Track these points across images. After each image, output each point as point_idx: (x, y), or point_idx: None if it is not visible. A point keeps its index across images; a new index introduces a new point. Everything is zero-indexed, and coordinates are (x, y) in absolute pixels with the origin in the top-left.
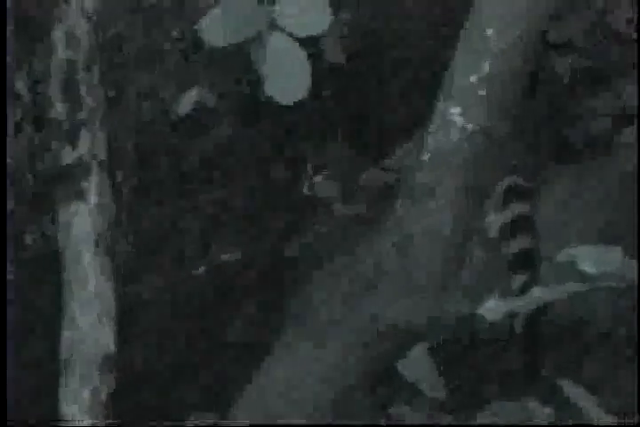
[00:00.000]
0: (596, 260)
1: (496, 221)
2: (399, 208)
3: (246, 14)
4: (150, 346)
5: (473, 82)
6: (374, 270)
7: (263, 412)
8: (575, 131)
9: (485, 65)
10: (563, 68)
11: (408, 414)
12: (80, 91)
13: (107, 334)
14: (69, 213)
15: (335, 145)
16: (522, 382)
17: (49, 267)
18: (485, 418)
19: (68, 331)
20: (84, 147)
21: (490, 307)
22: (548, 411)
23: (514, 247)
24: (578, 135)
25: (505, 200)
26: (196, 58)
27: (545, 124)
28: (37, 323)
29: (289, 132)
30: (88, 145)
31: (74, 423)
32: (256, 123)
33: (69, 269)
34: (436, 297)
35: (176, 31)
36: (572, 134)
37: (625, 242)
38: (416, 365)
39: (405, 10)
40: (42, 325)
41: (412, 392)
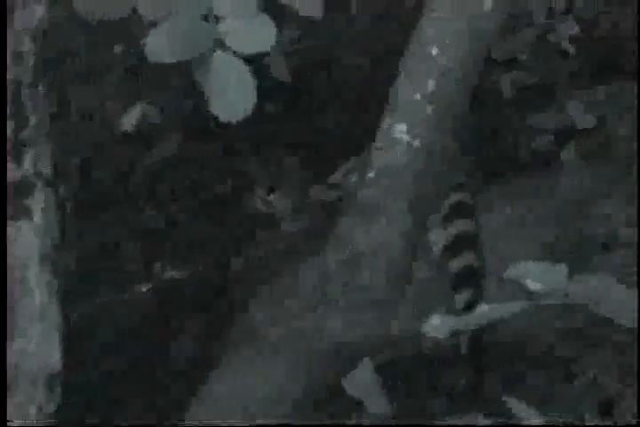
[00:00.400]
0: (541, 277)
1: (440, 237)
2: (344, 225)
3: (191, 32)
4: (96, 363)
5: (418, 99)
6: (319, 287)
7: None
8: (519, 147)
9: (430, 83)
10: (507, 84)
11: None
12: (26, 109)
13: (52, 352)
14: (14, 231)
15: (281, 161)
16: (467, 399)
17: None
18: None
19: (14, 347)
20: (28, 165)
21: (434, 324)
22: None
23: (458, 264)
24: (522, 151)
25: (449, 217)
26: (141, 74)
27: (489, 141)
28: None
29: (234, 149)
30: (32, 162)
31: None
32: (201, 139)
33: (14, 287)
34: (381, 314)
35: (121, 48)
36: (516, 150)
37: (569, 259)
38: (361, 381)
39: (351, 26)
40: None
41: (359, 409)
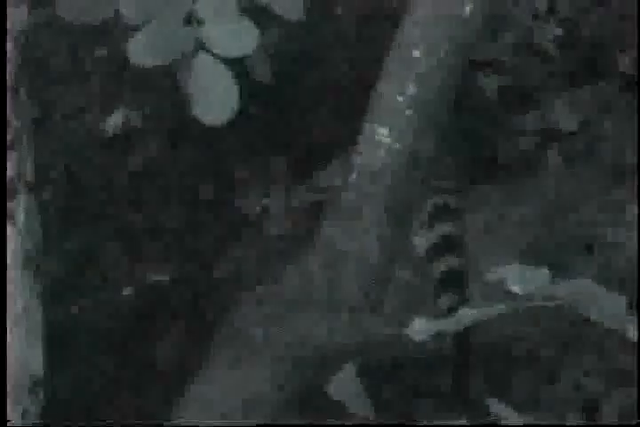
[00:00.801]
0: (523, 279)
1: (423, 240)
2: (326, 228)
3: (173, 35)
4: (79, 367)
5: (400, 102)
6: (301, 291)
7: None
8: (502, 150)
9: (411, 85)
10: (489, 86)
11: None
12: (7, 112)
13: (35, 356)
14: None
15: (264, 164)
16: (450, 402)
17: None
18: None
19: None
20: (11, 168)
21: (417, 327)
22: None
23: (441, 267)
24: (505, 154)
25: (432, 220)
26: (123, 78)
27: (472, 143)
28: None
29: (217, 152)
30: (14, 166)
31: None
32: (184, 143)
33: None
34: (362, 318)
35: (102, 51)
36: (499, 153)
37: (552, 261)
38: (344, 385)
39: (334, 29)
40: None
41: (342, 412)
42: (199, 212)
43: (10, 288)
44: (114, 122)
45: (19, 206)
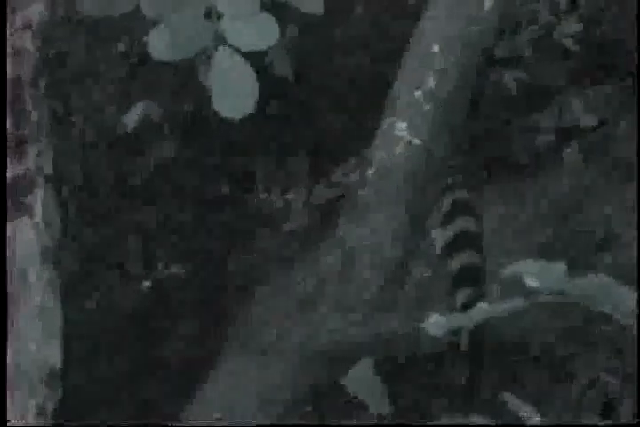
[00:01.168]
0: (539, 274)
1: (440, 236)
2: (342, 225)
3: (193, 29)
4: (95, 361)
5: (418, 97)
6: (316, 287)
7: None
8: (518, 146)
9: (430, 80)
10: (509, 82)
11: None
12: (26, 106)
13: (53, 350)
14: (14, 228)
15: (282, 160)
16: (466, 397)
17: None
18: None
19: (13, 347)
20: (29, 161)
21: (433, 322)
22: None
23: (458, 263)
24: (521, 151)
25: (449, 216)
26: (143, 73)
27: (489, 139)
28: None
29: (235, 148)
30: (33, 159)
31: None
32: (202, 138)
33: (15, 285)
34: (377, 314)
35: (122, 46)
36: (516, 149)
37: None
38: (360, 380)
39: (353, 24)
40: None
41: (357, 408)
42: (215, 207)
43: (27, 282)
44: (132, 117)
45: (37, 200)
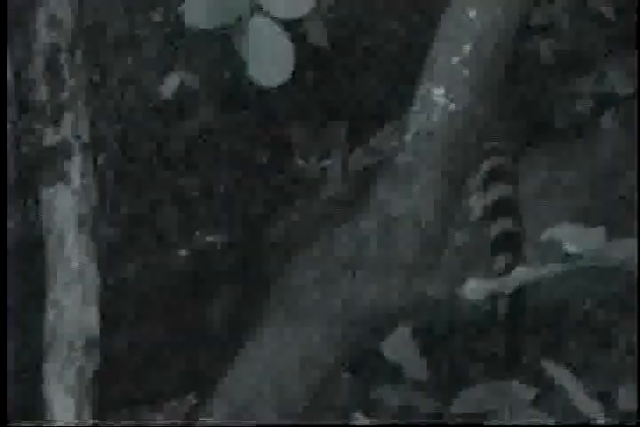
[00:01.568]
0: (579, 239)
1: (478, 202)
2: (381, 190)
3: None
4: (133, 327)
5: (455, 63)
6: (355, 253)
7: (246, 394)
8: (557, 113)
9: (467, 46)
10: (545, 50)
11: (389, 394)
12: (63, 73)
13: (90, 316)
14: (52, 195)
15: (319, 127)
16: (504, 364)
17: (31, 252)
18: (467, 400)
19: (51, 313)
20: (66, 128)
21: (472, 287)
22: (531, 392)
23: (496, 229)
24: (560, 117)
25: (487, 182)
26: (179, 42)
27: (527, 106)
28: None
29: (272, 115)
30: (71, 127)
31: (58, 406)
32: (239, 106)
33: (53, 252)
34: (417, 279)
35: (158, 15)
36: (553, 116)
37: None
38: (399, 346)
39: None
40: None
41: (394, 374)
42: (253, 175)
43: (65, 248)
44: (169, 85)
45: (74, 167)
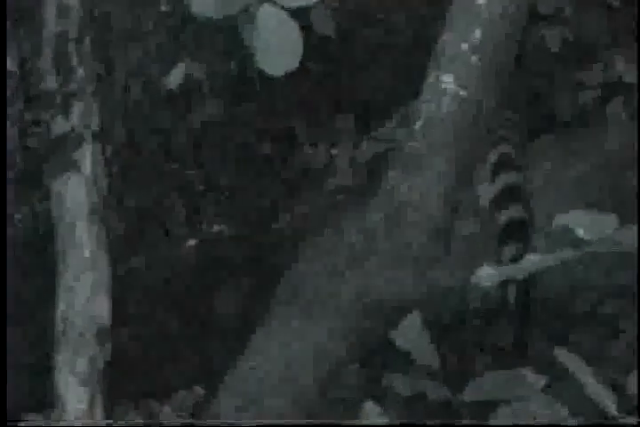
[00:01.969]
0: (590, 225)
1: (487, 191)
2: (390, 179)
3: None
4: (143, 317)
5: (464, 50)
6: (363, 243)
7: (255, 386)
8: (564, 101)
9: (476, 33)
10: (552, 38)
11: (400, 382)
12: (72, 62)
13: (102, 305)
14: (62, 184)
15: (328, 117)
16: (514, 352)
17: (38, 243)
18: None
19: (62, 303)
20: (76, 117)
21: (483, 274)
22: (542, 380)
23: (505, 217)
24: (567, 106)
25: (495, 170)
26: (186, 33)
27: (535, 95)
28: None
29: (279, 107)
30: (80, 115)
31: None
32: (245, 98)
33: (63, 240)
34: (426, 268)
35: (165, 6)
36: (560, 105)
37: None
38: (409, 333)
39: None
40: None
41: (404, 362)
42: (260, 166)
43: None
44: (175, 76)
45: (85, 156)
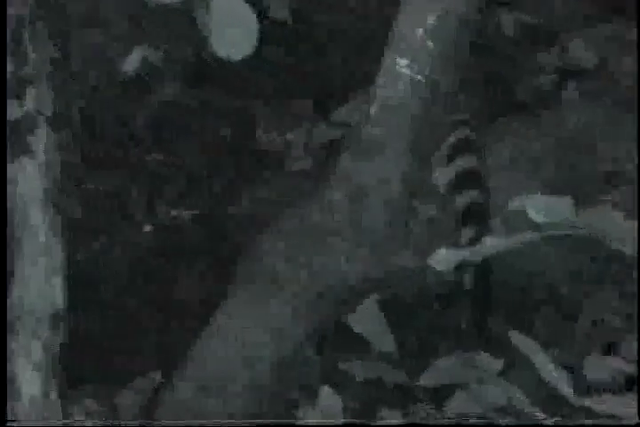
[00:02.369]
0: (546, 209)
1: (444, 174)
2: (346, 162)
3: None
4: (99, 303)
5: (420, 34)
6: (322, 224)
7: (212, 369)
8: (522, 86)
9: (431, 17)
10: (509, 23)
11: (356, 367)
12: (26, 46)
13: (56, 291)
14: (16, 169)
15: (284, 101)
16: (471, 336)
17: None
18: (435, 372)
19: (17, 289)
20: (29, 102)
21: (440, 257)
22: (498, 364)
23: (463, 201)
24: (524, 90)
25: (453, 154)
26: (143, 18)
27: (492, 79)
28: None
29: (236, 90)
30: (34, 100)
31: (24, 380)
32: (202, 82)
33: (18, 227)
34: (384, 251)
35: None
36: (518, 89)
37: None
38: (366, 318)
39: None
40: None
41: (362, 347)
42: (219, 149)
43: (30, 222)
44: (133, 61)
45: (38, 141)
